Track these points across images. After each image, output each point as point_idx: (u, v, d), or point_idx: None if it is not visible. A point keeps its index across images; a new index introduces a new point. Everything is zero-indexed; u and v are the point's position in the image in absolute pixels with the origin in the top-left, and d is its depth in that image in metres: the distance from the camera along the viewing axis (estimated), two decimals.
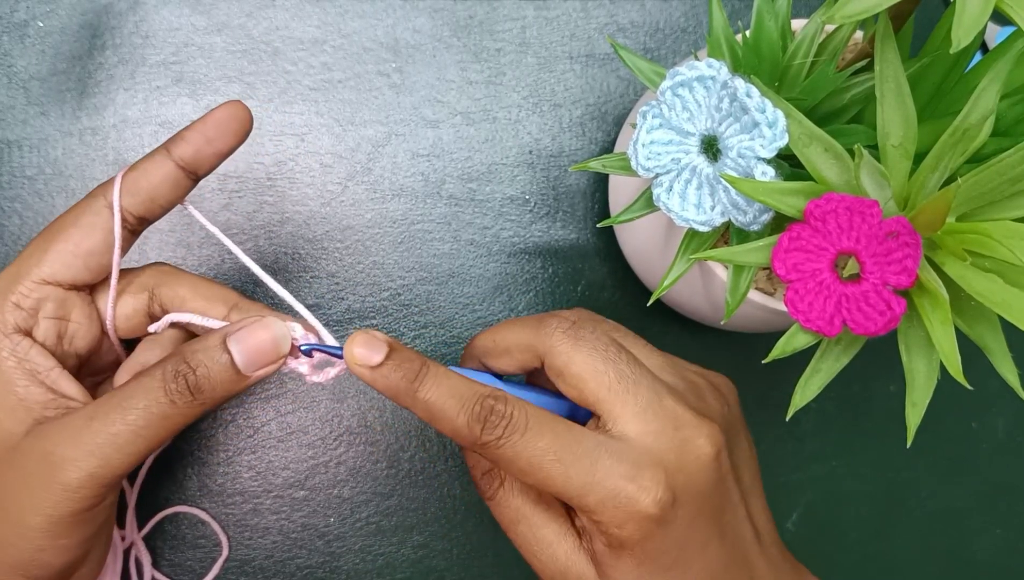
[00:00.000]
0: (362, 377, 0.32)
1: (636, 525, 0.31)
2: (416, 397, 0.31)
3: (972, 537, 0.50)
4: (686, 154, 0.31)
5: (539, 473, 0.31)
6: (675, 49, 0.50)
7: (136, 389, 0.31)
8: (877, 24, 0.29)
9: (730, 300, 0.33)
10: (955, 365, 0.28)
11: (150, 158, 0.34)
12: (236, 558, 0.44)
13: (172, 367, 0.31)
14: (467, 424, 0.31)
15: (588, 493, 0.31)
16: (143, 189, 0.34)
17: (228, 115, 0.34)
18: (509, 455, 0.31)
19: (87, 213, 0.34)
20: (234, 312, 0.35)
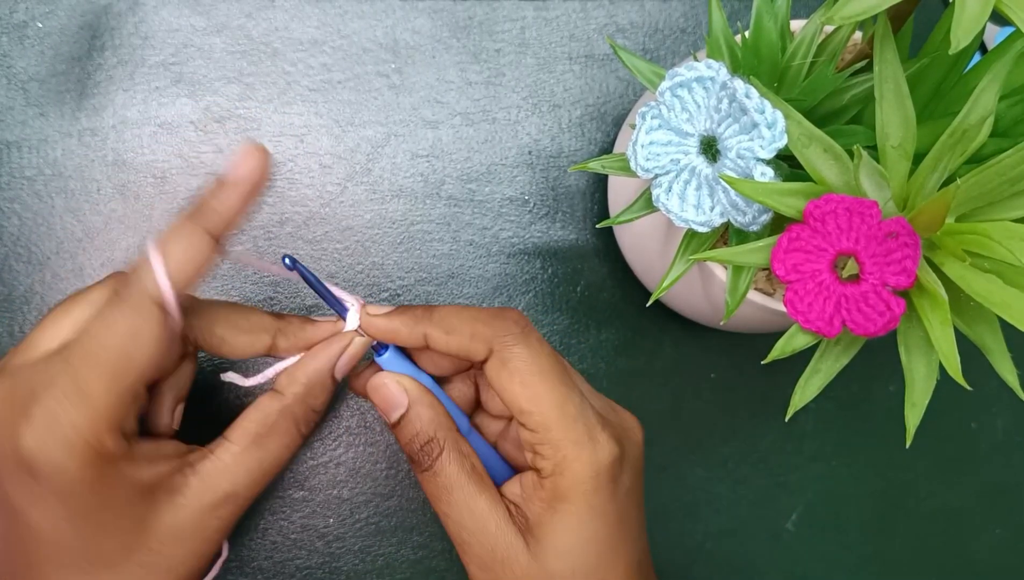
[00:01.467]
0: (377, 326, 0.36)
1: (593, 472, 0.33)
2: (433, 316, 0.35)
3: (971, 537, 0.50)
4: (685, 155, 0.31)
5: (544, 384, 0.33)
6: (674, 50, 0.50)
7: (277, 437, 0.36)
8: (876, 25, 0.29)
9: (729, 301, 0.33)
10: (954, 366, 0.28)
11: (187, 239, 0.32)
12: (236, 559, 0.44)
13: (304, 417, 0.36)
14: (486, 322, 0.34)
15: (571, 424, 0.33)
16: (189, 272, 0.32)
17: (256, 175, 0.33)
18: (525, 354, 0.34)
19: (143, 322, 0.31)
20: (279, 337, 0.37)
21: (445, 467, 0.35)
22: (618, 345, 0.48)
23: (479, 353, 0.34)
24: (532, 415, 0.33)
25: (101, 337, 0.31)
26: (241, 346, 0.36)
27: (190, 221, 0.32)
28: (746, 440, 0.48)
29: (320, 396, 0.37)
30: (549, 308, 0.47)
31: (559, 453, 0.33)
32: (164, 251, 0.32)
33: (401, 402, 0.36)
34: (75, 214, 0.45)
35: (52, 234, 0.45)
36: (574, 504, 0.33)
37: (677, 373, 0.48)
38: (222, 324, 0.36)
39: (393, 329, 0.35)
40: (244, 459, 0.35)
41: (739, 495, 0.48)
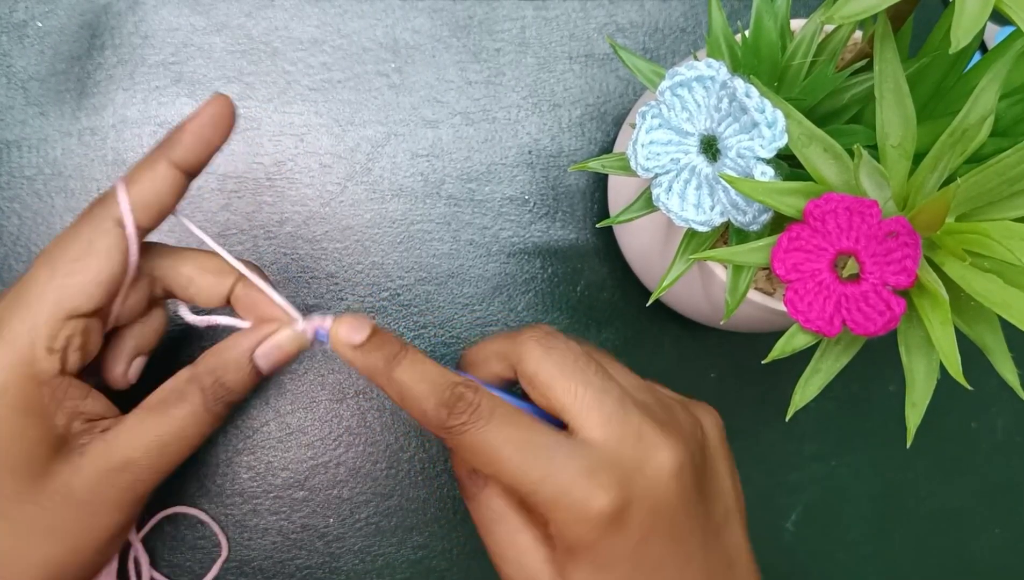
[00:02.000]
0: (343, 355, 0.34)
1: (589, 525, 0.31)
2: (391, 377, 0.33)
3: (971, 536, 0.50)
4: (685, 154, 0.31)
5: (497, 463, 0.32)
6: (674, 49, 0.50)
7: (181, 418, 0.34)
8: (876, 24, 0.29)
9: (729, 300, 0.33)
10: (955, 365, 0.28)
11: (150, 167, 0.33)
12: (235, 559, 0.44)
13: (211, 392, 0.34)
14: (435, 407, 0.32)
15: (541, 487, 0.31)
16: (151, 200, 0.33)
17: (220, 112, 0.34)
18: (469, 442, 0.32)
19: (99, 236, 0.33)
20: (241, 283, 0.36)
21: (491, 499, 0.34)
22: (618, 345, 0.48)
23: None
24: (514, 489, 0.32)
25: (58, 246, 0.33)
26: (207, 287, 0.36)
27: (155, 152, 0.34)
28: (746, 440, 0.48)
29: (232, 373, 0.34)
30: (549, 308, 0.47)
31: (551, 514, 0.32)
32: (129, 178, 0.33)
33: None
34: (75, 214, 0.45)
35: (52, 234, 0.45)
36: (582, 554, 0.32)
37: (677, 373, 0.48)
38: (190, 264, 0.36)
39: (357, 368, 0.34)
40: (146, 424, 0.33)
41: None
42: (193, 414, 0.34)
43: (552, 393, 0.33)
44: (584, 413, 0.32)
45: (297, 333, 0.35)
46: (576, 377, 0.33)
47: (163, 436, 0.33)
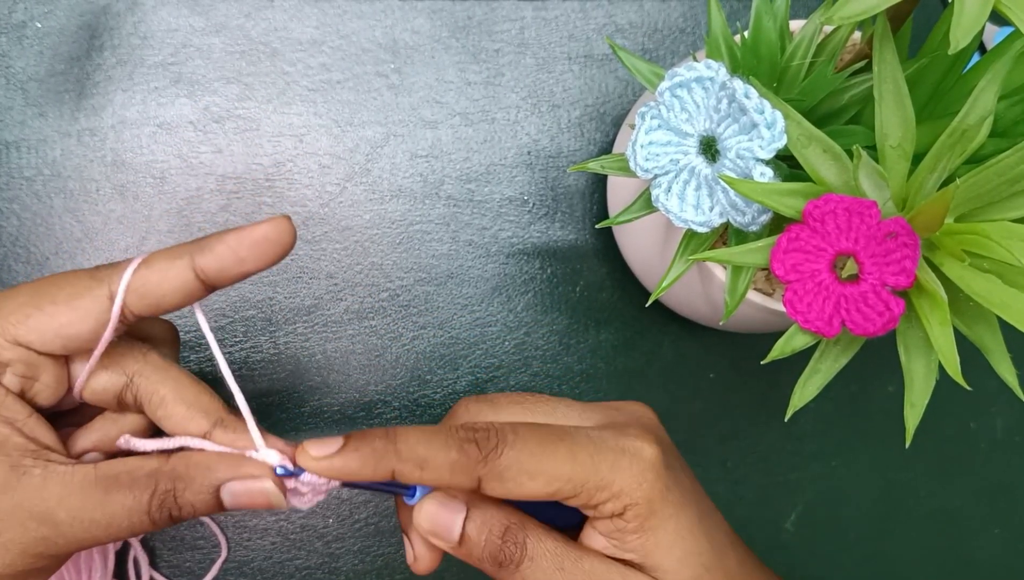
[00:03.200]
0: (330, 470, 0.30)
1: (653, 473, 0.31)
2: (399, 451, 0.30)
3: (970, 536, 0.50)
4: (685, 155, 0.31)
5: (547, 463, 0.30)
6: (673, 50, 0.50)
7: (121, 507, 0.31)
8: (875, 25, 0.29)
9: (729, 301, 0.33)
10: (954, 366, 0.28)
11: (170, 259, 0.31)
12: (235, 559, 0.44)
13: (159, 498, 0.31)
14: (460, 448, 0.30)
15: (599, 463, 0.31)
16: (151, 292, 0.31)
17: (270, 238, 0.31)
18: (511, 460, 0.30)
19: (86, 296, 0.31)
20: (217, 430, 0.33)
21: (540, 547, 0.32)
22: (617, 345, 0.48)
23: (465, 483, 0.31)
24: (562, 490, 0.31)
25: (53, 282, 0.31)
26: (177, 416, 0.33)
27: (185, 246, 0.31)
28: (745, 440, 0.48)
29: (189, 493, 0.31)
30: (548, 308, 0.47)
31: (613, 488, 0.31)
32: (147, 260, 0.31)
33: (458, 508, 0.32)
34: (74, 214, 0.45)
35: (51, 234, 0.45)
36: (661, 511, 0.32)
37: (676, 373, 0.48)
38: (170, 386, 0.33)
39: (353, 470, 0.30)
40: (86, 491, 0.30)
41: (738, 495, 0.48)
42: (131, 511, 0.31)
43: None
44: None
45: (274, 491, 0.31)
46: None
47: (94, 514, 0.30)
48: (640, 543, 0.32)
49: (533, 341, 0.47)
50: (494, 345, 0.47)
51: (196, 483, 0.31)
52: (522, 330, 0.47)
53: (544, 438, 0.31)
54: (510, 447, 0.30)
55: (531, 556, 0.32)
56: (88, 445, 0.35)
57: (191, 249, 0.31)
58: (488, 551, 0.32)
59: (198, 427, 0.33)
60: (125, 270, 0.31)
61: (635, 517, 0.32)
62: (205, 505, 0.31)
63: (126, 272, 0.31)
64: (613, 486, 0.31)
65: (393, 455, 0.30)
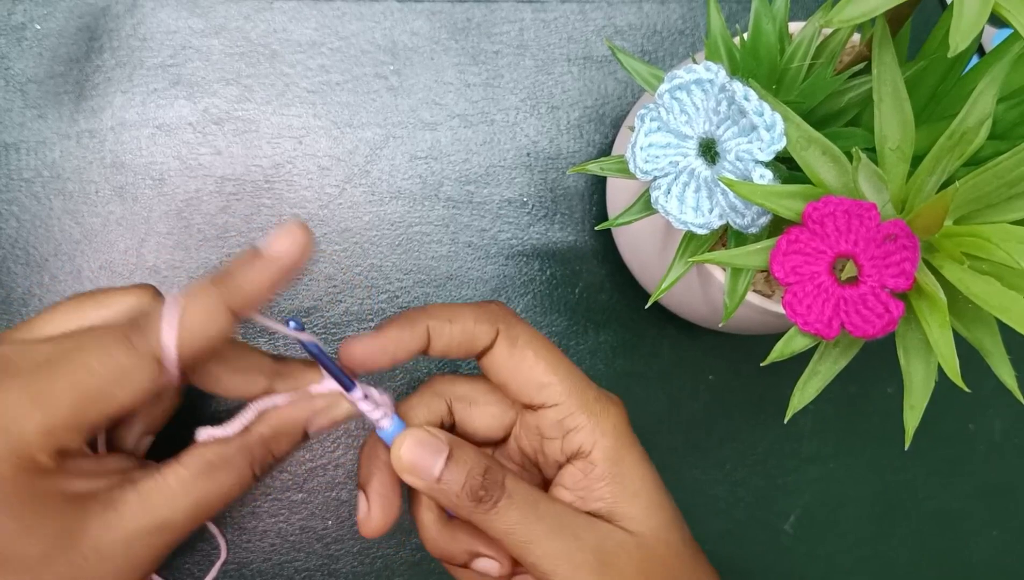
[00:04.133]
0: (369, 349, 0.34)
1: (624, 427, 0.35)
2: (429, 311, 0.34)
3: (969, 538, 0.50)
4: (684, 157, 0.32)
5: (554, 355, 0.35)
6: (673, 52, 0.50)
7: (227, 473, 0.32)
8: (875, 27, 0.29)
9: (728, 302, 0.33)
10: (953, 368, 0.28)
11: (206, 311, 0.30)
12: (234, 561, 0.44)
13: (259, 461, 0.33)
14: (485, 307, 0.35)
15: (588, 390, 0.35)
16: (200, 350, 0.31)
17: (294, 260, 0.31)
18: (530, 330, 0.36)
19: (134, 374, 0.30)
20: (277, 380, 0.34)
21: (518, 486, 0.33)
22: (616, 347, 0.48)
23: (485, 336, 0.34)
24: (554, 386, 0.34)
25: (91, 363, 0.30)
26: (235, 386, 0.34)
27: (214, 289, 0.31)
28: (744, 442, 0.48)
29: (284, 445, 0.34)
30: (548, 310, 0.47)
31: (591, 417, 0.34)
32: (181, 313, 0.30)
33: (441, 447, 0.33)
34: (73, 216, 0.45)
35: (50, 236, 0.45)
36: (629, 458, 0.34)
37: (675, 375, 0.48)
38: (218, 360, 0.34)
39: (393, 338, 0.34)
40: (191, 487, 0.31)
41: (737, 497, 0.48)
42: (240, 480, 0.33)
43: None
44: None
45: (351, 409, 0.34)
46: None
47: (208, 498, 0.32)
48: (607, 491, 0.34)
49: None
50: None
51: (284, 436, 0.34)
52: None
53: (549, 344, 0.35)
54: (527, 326, 0.35)
55: (509, 494, 0.33)
56: (140, 431, 0.36)
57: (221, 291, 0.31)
58: (469, 488, 0.33)
59: (259, 387, 0.34)
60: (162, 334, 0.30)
61: (603, 460, 0.34)
62: (295, 445, 0.34)
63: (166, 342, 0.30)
64: (590, 416, 0.34)
65: (424, 314, 0.34)
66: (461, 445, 0.34)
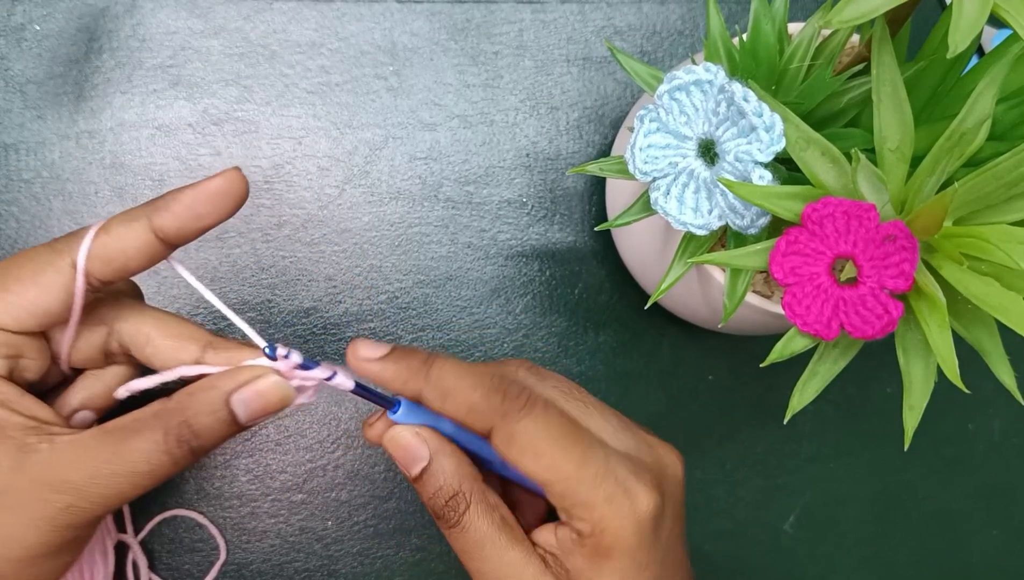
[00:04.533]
0: (369, 371, 0.31)
1: (634, 527, 0.31)
2: (429, 375, 0.31)
3: (968, 538, 0.50)
4: (683, 158, 0.32)
5: (558, 454, 0.31)
6: (672, 52, 0.50)
7: (139, 451, 0.30)
8: (874, 28, 0.29)
9: (728, 303, 0.33)
10: (952, 369, 0.28)
11: (127, 223, 0.32)
12: (234, 562, 0.44)
13: (175, 434, 0.31)
14: (485, 395, 0.31)
15: (600, 486, 0.31)
16: (114, 257, 0.31)
17: (223, 189, 0.32)
18: (526, 430, 0.31)
19: (49, 270, 0.31)
20: (209, 353, 0.34)
21: (473, 522, 0.33)
22: (616, 347, 0.48)
23: (478, 427, 0.32)
24: (554, 484, 0.31)
25: (14, 261, 0.32)
26: (164, 350, 0.33)
27: (140, 209, 0.32)
28: (744, 442, 0.48)
29: (203, 416, 0.31)
30: (547, 310, 0.47)
31: (594, 514, 0.31)
32: (105, 226, 0.32)
33: (422, 455, 0.33)
34: (73, 217, 0.45)
35: (50, 237, 0.44)
36: (619, 561, 0.31)
37: (675, 375, 0.48)
38: (150, 322, 0.34)
39: (386, 379, 0.32)
40: (97, 450, 0.30)
41: (737, 497, 0.48)
42: (149, 453, 0.30)
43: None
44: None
45: (281, 382, 0.32)
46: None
47: (112, 467, 0.30)
48: (579, 568, 0.32)
49: (532, 343, 0.47)
50: (493, 347, 0.47)
51: (205, 404, 0.31)
52: (521, 332, 0.47)
53: (567, 431, 0.31)
54: (532, 419, 0.31)
55: (464, 527, 0.33)
56: (76, 404, 0.35)
57: (147, 210, 0.31)
58: (432, 506, 0.33)
59: (189, 355, 0.33)
60: (83, 239, 0.31)
61: (593, 547, 0.32)
62: (221, 424, 0.31)
63: (84, 240, 0.31)
64: (595, 512, 0.31)
65: (423, 377, 0.31)
66: (443, 458, 0.33)
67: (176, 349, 0.34)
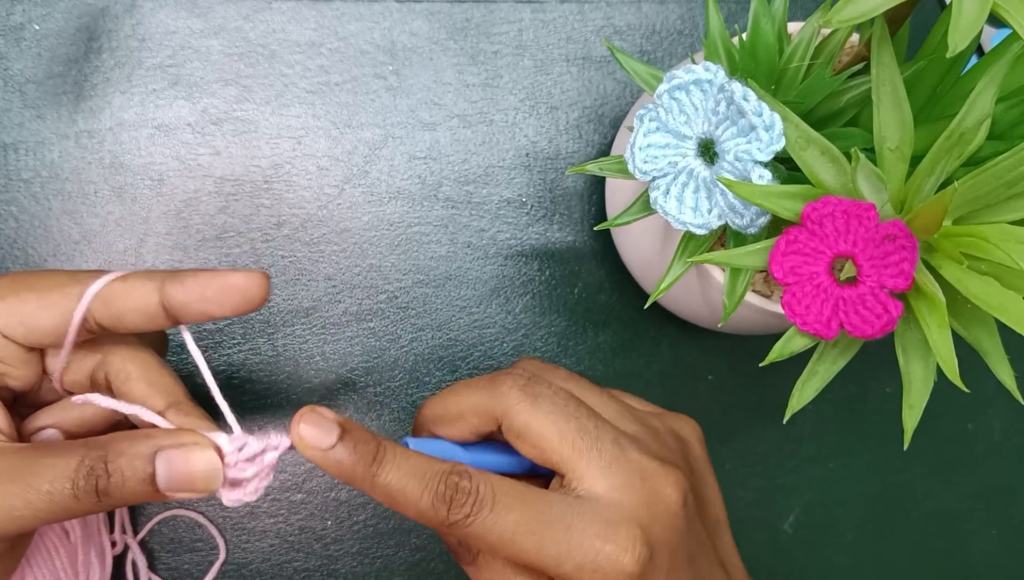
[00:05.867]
0: (312, 459, 0.30)
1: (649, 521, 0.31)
2: (375, 482, 0.30)
3: (968, 538, 0.50)
4: (683, 157, 0.32)
5: (511, 547, 0.30)
6: (671, 52, 0.50)
7: (47, 467, 0.29)
8: (873, 27, 0.29)
9: (727, 303, 0.33)
10: (952, 368, 0.28)
11: (143, 279, 0.32)
12: (233, 561, 0.44)
13: (88, 464, 0.29)
14: (432, 505, 0.30)
15: (565, 561, 0.30)
16: (115, 306, 0.32)
17: (239, 287, 0.31)
18: (479, 532, 0.30)
19: (57, 292, 0.32)
20: (171, 411, 0.33)
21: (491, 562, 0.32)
22: (616, 347, 0.48)
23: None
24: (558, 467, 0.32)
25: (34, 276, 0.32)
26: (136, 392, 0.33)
27: (160, 274, 0.32)
28: (744, 442, 0.48)
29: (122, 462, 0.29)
30: (547, 310, 0.47)
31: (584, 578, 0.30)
32: (125, 276, 0.32)
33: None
34: (72, 216, 0.45)
35: (49, 237, 0.45)
36: None
37: (674, 375, 0.48)
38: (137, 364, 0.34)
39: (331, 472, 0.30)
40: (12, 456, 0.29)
41: (737, 497, 0.48)
42: (55, 476, 0.29)
43: (548, 446, 0.32)
44: (584, 464, 0.31)
45: (214, 463, 0.30)
46: (570, 426, 0.32)
47: (11, 477, 0.29)
48: None
49: (531, 343, 0.47)
50: (492, 347, 0.47)
51: (131, 448, 0.29)
52: (520, 332, 0.47)
53: (527, 517, 0.30)
54: (483, 517, 0.30)
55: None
56: (48, 422, 0.35)
57: (166, 275, 0.32)
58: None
59: (154, 404, 0.33)
60: (102, 277, 0.32)
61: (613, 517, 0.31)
62: (137, 476, 0.29)
63: (101, 278, 0.32)
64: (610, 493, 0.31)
65: (369, 481, 0.30)
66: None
67: (146, 395, 0.33)
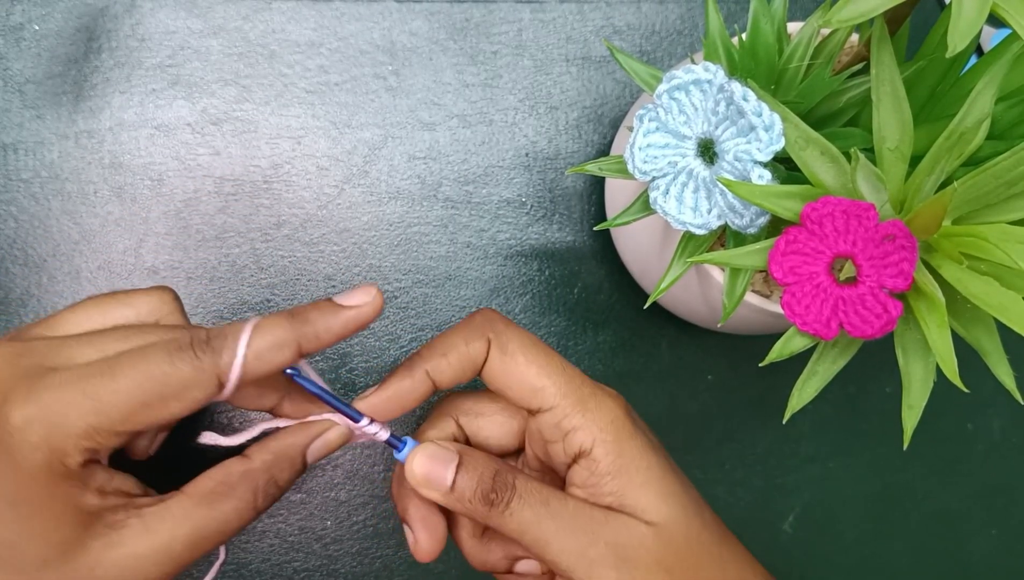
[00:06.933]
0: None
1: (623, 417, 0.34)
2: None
3: (968, 538, 0.50)
4: (683, 157, 0.32)
5: (543, 360, 0.35)
6: (671, 52, 0.50)
7: (228, 500, 0.32)
8: (873, 27, 0.29)
9: (727, 303, 0.33)
10: (951, 368, 0.28)
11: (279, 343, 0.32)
12: (233, 562, 0.44)
13: (264, 487, 0.33)
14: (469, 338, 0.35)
15: (580, 387, 0.34)
16: (261, 374, 0.32)
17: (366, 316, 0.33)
18: (518, 337, 0.35)
19: (195, 389, 0.31)
20: (287, 402, 0.36)
21: (528, 484, 0.33)
22: (615, 347, 0.48)
23: (479, 351, 0.34)
24: (547, 389, 0.34)
25: (154, 371, 0.30)
26: (250, 396, 0.35)
27: (289, 325, 0.32)
28: (743, 442, 0.48)
29: (286, 471, 0.34)
30: (546, 310, 0.47)
31: (587, 414, 0.34)
32: (253, 339, 0.31)
33: (451, 457, 0.34)
34: (72, 216, 0.45)
35: (49, 237, 0.45)
36: (632, 450, 0.34)
37: (674, 375, 0.48)
38: None
39: (395, 390, 0.34)
40: (193, 516, 0.32)
41: (736, 497, 0.48)
42: (242, 511, 0.33)
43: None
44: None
45: (343, 429, 0.35)
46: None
47: (209, 527, 0.32)
48: (614, 485, 0.33)
49: None
50: None
51: (287, 461, 0.34)
52: None
53: (540, 345, 0.35)
54: (511, 329, 0.35)
55: (520, 494, 0.33)
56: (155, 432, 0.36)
57: (296, 327, 0.32)
58: (480, 491, 0.33)
59: (270, 402, 0.35)
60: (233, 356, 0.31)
61: (605, 455, 0.33)
62: (296, 473, 0.35)
63: (235, 366, 0.31)
64: (586, 414, 0.33)
65: (420, 359, 0.34)
66: (471, 452, 0.34)
67: (260, 395, 0.35)
